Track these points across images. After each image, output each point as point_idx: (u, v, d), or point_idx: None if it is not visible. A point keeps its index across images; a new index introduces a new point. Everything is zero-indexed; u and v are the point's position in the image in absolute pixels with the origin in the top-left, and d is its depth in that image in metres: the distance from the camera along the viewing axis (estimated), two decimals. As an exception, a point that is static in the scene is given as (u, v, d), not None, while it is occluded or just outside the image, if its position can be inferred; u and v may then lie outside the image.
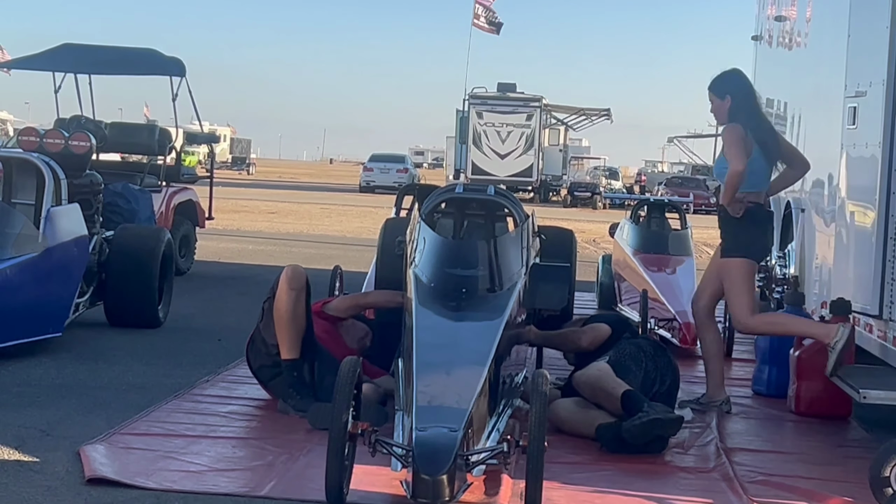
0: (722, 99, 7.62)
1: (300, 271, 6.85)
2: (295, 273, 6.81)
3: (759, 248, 7.73)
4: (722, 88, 7.64)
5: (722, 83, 7.67)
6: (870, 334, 7.65)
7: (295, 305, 6.73)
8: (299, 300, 6.76)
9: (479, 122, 45.05)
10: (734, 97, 7.59)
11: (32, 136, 10.34)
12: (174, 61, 14.56)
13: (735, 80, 7.70)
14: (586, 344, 7.18)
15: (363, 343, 7.30)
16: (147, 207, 12.56)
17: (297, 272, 6.82)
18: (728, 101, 7.59)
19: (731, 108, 7.58)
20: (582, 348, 7.20)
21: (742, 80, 7.75)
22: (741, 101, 7.59)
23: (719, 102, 7.63)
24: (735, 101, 7.58)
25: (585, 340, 7.20)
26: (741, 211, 7.47)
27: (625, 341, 7.00)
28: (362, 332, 7.36)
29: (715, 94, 7.66)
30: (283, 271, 6.87)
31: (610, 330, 7.19)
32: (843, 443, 7.09)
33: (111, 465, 5.49)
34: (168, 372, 8.01)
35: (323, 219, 29.31)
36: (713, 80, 7.70)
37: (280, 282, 6.79)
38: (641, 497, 5.52)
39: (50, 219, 8.69)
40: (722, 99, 7.62)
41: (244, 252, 18.03)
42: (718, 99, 7.64)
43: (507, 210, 7.32)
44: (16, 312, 8.17)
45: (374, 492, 5.28)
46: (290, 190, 50.09)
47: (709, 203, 49.64)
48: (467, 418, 5.11)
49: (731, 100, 7.59)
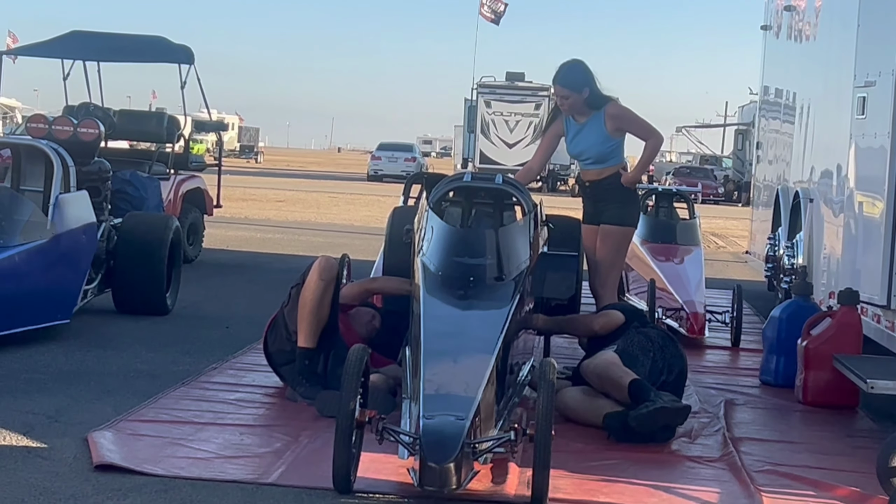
0: (580, 92, 8.09)
1: (333, 263, 6.86)
2: (328, 264, 6.82)
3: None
4: (577, 83, 8.13)
5: (575, 77, 8.16)
6: (878, 324, 7.65)
7: (322, 296, 6.74)
8: (327, 291, 6.77)
9: (488, 111, 45.05)
10: (590, 86, 8.11)
11: (41, 122, 10.35)
12: (183, 49, 14.55)
13: (585, 71, 8.19)
14: (598, 328, 7.19)
15: (372, 326, 7.31)
16: (155, 195, 12.58)
17: (329, 263, 6.83)
18: (586, 92, 8.09)
19: (588, 97, 8.10)
20: (594, 332, 7.21)
21: (588, 70, 8.23)
22: (595, 88, 8.12)
23: (577, 96, 8.11)
24: (591, 89, 8.11)
25: (598, 324, 7.22)
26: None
27: (633, 331, 7.00)
28: (368, 315, 7.36)
29: (571, 89, 8.14)
30: (317, 260, 6.88)
31: (623, 318, 7.20)
32: (851, 433, 7.08)
33: (119, 451, 5.50)
34: (176, 359, 8.03)
35: (331, 207, 29.31)
36: (564, 78, 8.19)
37: (311, 270, 6.81)
38: (648, 486, 5.52)
39: (58, 206, 8.69)
40: (580, 92, 8.09)
41: (252, 240, 18.05)
42: (576, 93, 8.11)
43: (515, 199, 7.31)
44: (24, 299, 8.18)
45: (382, 479, 5.28)
46: (298, 178, 50.11)
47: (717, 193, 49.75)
48: (475, 407, 5.10)
49: (589, 90, 8.09)
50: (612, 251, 8.14)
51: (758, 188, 14.74)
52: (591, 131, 8.10)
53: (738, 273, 16.25)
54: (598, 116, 8.08)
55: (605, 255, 8.10)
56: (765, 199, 13.60)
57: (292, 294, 6.97)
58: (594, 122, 8.09)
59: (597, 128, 8.09)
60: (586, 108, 8.13)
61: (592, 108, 8.12)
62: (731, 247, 22.88)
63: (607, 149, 8.14)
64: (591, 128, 8.10)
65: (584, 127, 8.14)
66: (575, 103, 8.12)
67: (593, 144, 8.14)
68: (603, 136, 8.09)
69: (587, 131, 8.12)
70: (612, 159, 8.17)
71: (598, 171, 8.21)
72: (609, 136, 8.09)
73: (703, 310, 10.01)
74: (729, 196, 51.03)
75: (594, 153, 8.18)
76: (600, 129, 8.07)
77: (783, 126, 12.68)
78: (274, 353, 7.12)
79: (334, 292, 6.83)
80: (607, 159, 8.16)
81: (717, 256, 19.77)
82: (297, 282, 6.94)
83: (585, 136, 8.14)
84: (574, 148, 8.28)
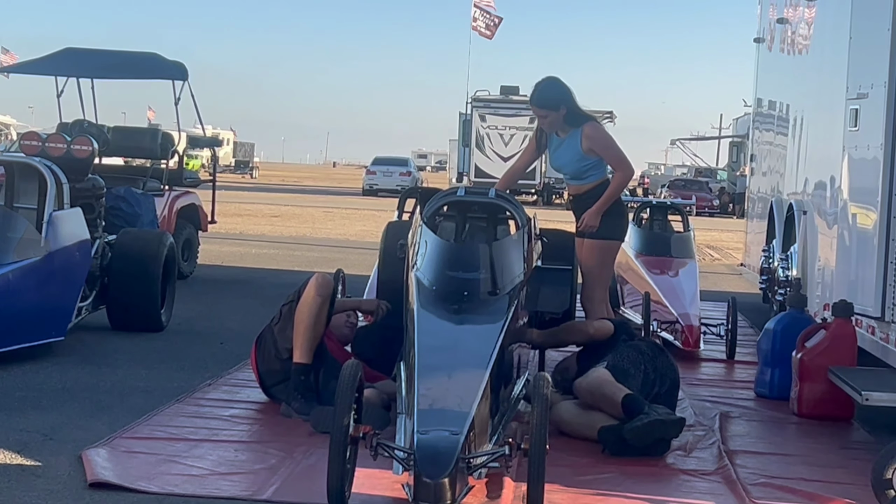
0: (557, 111, 8.03)
1: (329, 280, 6.90)
2: (325, 280, 6.86)
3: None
4: (554, 101, 8.06)
5: (551, 96, 8.10)
6: (872, 336, 7.65)
7: (318, 312, 6.77)
8: (323, 308, 6.80)
9: (482, 124, 45.08)
10: (567, 104, 8.04)
11: (34, 140, 10.33)
12: (176, 65, 14.57)
13: (562, 89, 8.13)
14: (594, 331, 7.20)
15: (350, 325, 7.37)
16: (150, 211, 12.57)
17: (326, 280, 6.88)
18: (563, 110, 8.02)
19: (566, 115, 8.04)
20: (590, 336, 7.20)
21: (565, 87, 8.17)
22: (573, 105, 8.06)
23: (555, 114, 8.04)
24: (569, 107, 8.04)
25: (592, 328, 7.23)
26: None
27: (622, 345, 7.00)
28: (343, 318, 7.40)
29: (548, 108, 8.07)
30: (314, 277, 6.90)
31: (613, 327, 7.21)
32: (846, 445, 7.08)
33: (113, 469, 5.50)
34: (170, 375, 8.02)
35: (326, 222, 29.31)
36: (539, 98, 8.13)
37: (308, 286, 6.83)
38: (643, 500, 5.52)
39: (52, 223, 8.69)
40: (557, 111, 8.03)
41: (247, 256, 18.04)
42: (554, 112, 8.04)
43: (509, 213, 7.32)
44: (18, 316, 8.17)
45: (376, 495, 5.29)
46: (293, 193, 50.11)
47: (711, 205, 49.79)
48: (469, 421, 5.10)
49: (566, 108, 8.02)
50: (597, 265, 8.09)
51: (752, 200, 14.75)
52: (569, 148, 8.07)
53: (732, 285, 16.26)
54: (576, 134, 8.03)
55: (590, 269, 8.07)
56: (759, 211, 13.62)
57: (283, 312, 6.97)
58: (571, 139, 8.05)
59: (573, 146, 8.05)
60: (566, 125, 8.08)
61: (571, 125, 8.06)
62: (725, 259, 22.89)
63: (583, 166, 8.09)
64: (568, 145, 8.08)
65: (563, 143, 8.12)
66: (554, 121, 8.07)
67: (570, 161, 8.12)
68: (579, 154, 8.04)
69: (565, 148, 8.11)
70: (590, 175, 8.11)
71: (578, 186, 8.20)
72: (584, 155, 8.03)
73: (698, 322, 10.02)
74: (724, 208, 51.10)
75: (571, 170, 8.17)
76: (576, 147, 8.03)
77: (777, 138, 12.70)
78: (264, 372, 7.12)
79: (329, 309, 6.85)
80: (585, 176, 8.12)
81: (711, 269, 19.78)
82: (290, 299, 6.94)
83: (563, 153, 8.13)
84: (554, 162, 8.29)
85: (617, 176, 8.12)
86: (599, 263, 8.10)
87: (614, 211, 8.11)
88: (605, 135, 8.12)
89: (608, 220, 8.05)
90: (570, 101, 8.06)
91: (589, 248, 8.08)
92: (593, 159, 8.06)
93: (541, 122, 8.17)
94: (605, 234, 8.04)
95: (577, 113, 8.07)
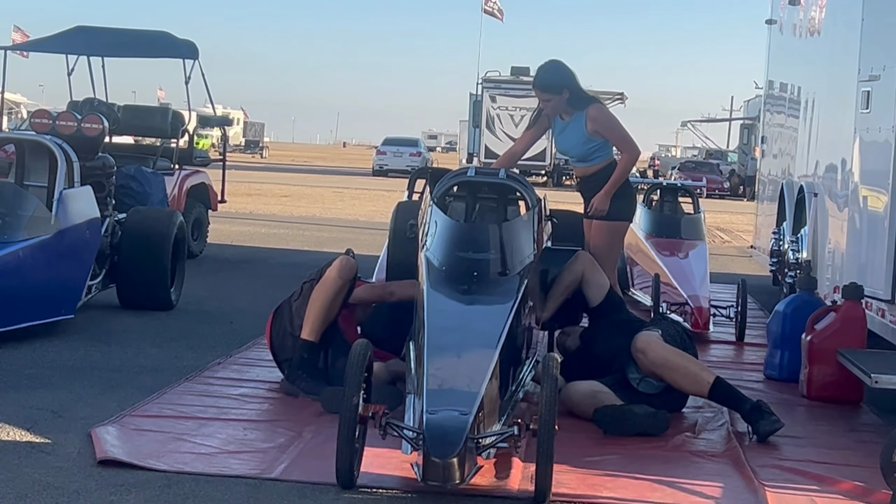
0: (560, 94, 7.98)
1: (353, 265, 6.91)
2: (348, 264, 6.88)
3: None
4: (557, 84, 8.01)
5: (554, 79, 8.05)
6: (882, 319, 7.65)
7: (336, 294, 6.80)
8: (341, 291, 6.82)
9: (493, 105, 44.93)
10: (570, 87, 7.99)
11: (45, 118, 10.34)
12: (187, 44, 14.54)
13: (564, 72, 8.08)
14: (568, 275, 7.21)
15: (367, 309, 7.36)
16: (160, 190, 12.58)
17: (350, 264, 6.89)
18: (566, 94, 7.97)
19: (570, 98, 7.99)
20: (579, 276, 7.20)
21: (568, 70, 8.12)
22: (576, 88, 8.03)
23: (558, 98, 7.99)
24: (572, 90, 8.00)
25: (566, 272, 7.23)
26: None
27: (664, 321, 7.23)
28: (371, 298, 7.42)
29: (551, 92, 8.02)
30: (338, 259, 6.92)
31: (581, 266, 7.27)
32: (855, 427, 7.07)
33: (122, 446, 5.51)
34: (180, 354, 8.03)
35: (336, 202, 29.31)
36: (542, 81, 8.09)
37: (332, 267, 6.86)
38: (652, 480, 5.52)
39: (62, 201, 8.70)
40: (560, 94, 7.98)
41: (257, 235, 18.05)
42: (556, 95, 7.99)
43: (519, 193, 7.31)
44: (28, 295, 8.19)
45: (385, 474, 5.29)
46: (303, 173, 50.07)
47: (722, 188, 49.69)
48: (478, 401, 5.10)
49: (569, 92, 7.97)
50: (606, 246, 8.06)
51: (763, 182, 14.72)
52: (573, 132, 8.04)
53: (742, 267, 16.23)
54: (581, 117, 7.99)
55: (599, 250, 8.05)
56: (770, 194, 13.59)
57: (304, 288, 6.98)
58: (576, 122, 8.02)
59: (578, 128, 8.01)
60: (570, 108, 8.04)
61: (575, 108, 8.02)
62: (735, 241, 22.86)
63: (589, 149, 8.06)
64: (573, 128, 8.04)
65: (567, 126, 8.08)
66: (557, 105, 8.03)
67: (575, 145, 8.10)
68: (584, 136, 8.00)
69: (570, 131, 8.08)
70: (596, 157, 8.08)
71: (584, 168, 8.19)
72: (589, 138, 8.00)
73: (708, 304, 10.01)
74: (734, 190, 50.98)
75: (577, 153, 8.15)
76: (581, 129, 8.00)
77: (788, 120, 12.67)
78: (276, 346, 7.12)
79: (346, 294, 6.86)
80: (591, 158, 8.09)
81: (721, 251, 19.76)
82: (312, 276, 6.96)
83: (568, 136, 8.10)
84: (560, 145, 8.28)
85: (623, 157, 8.08)
86: (608, 245, 8.09)
87: (622, 192, 8.09)
88: (609, 116, 8.12)
89: (616, 202, 8.03)
90: (573, 84, 8.03)
91: (598, 230, 8.06)
92: (599, 141, 8.03)
93: (544, 105, 8.12)
94: (613, 216, 8.03)
95: (581, 96, 8.05)
